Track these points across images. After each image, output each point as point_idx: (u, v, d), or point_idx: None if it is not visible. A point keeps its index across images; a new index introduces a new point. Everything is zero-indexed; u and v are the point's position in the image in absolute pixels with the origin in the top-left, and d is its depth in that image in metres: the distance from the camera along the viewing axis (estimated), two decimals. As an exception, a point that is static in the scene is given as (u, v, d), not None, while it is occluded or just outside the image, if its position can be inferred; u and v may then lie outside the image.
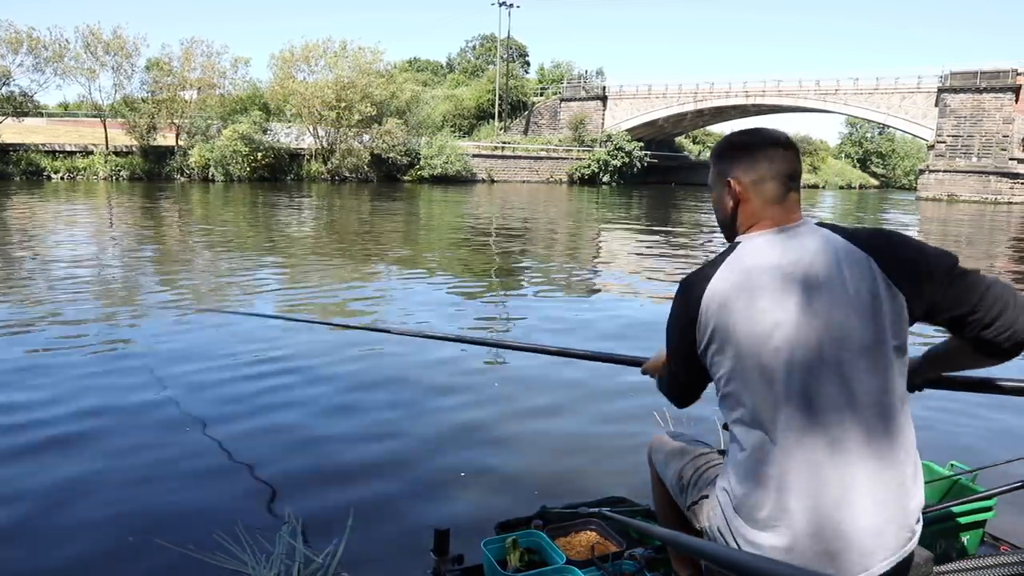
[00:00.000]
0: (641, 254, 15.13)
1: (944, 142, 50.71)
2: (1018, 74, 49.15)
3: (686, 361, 1.54)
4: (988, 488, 2.29)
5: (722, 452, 1.77)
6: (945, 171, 50.63)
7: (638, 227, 21.76)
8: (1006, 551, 1.98)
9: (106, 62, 40.01)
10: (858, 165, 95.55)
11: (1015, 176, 49.61)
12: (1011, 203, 48.33)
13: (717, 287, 1.44)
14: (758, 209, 1.53)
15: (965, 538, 2.44)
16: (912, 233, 23.16)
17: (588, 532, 2.53)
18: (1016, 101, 48.85)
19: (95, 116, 41.45)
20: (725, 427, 1.55)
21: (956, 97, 50.50)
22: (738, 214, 1.57)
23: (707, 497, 1.61)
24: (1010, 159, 49.28)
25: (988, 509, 2.43)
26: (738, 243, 1.52)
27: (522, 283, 10.67)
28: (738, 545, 1.44)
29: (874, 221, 27.25)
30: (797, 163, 1.56)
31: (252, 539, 2.73)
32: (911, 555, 1.42)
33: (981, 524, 2.47)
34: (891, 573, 1.39)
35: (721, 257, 1.51)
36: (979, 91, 49.70)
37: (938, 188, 50.85)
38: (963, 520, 2.40)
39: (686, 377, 1.59)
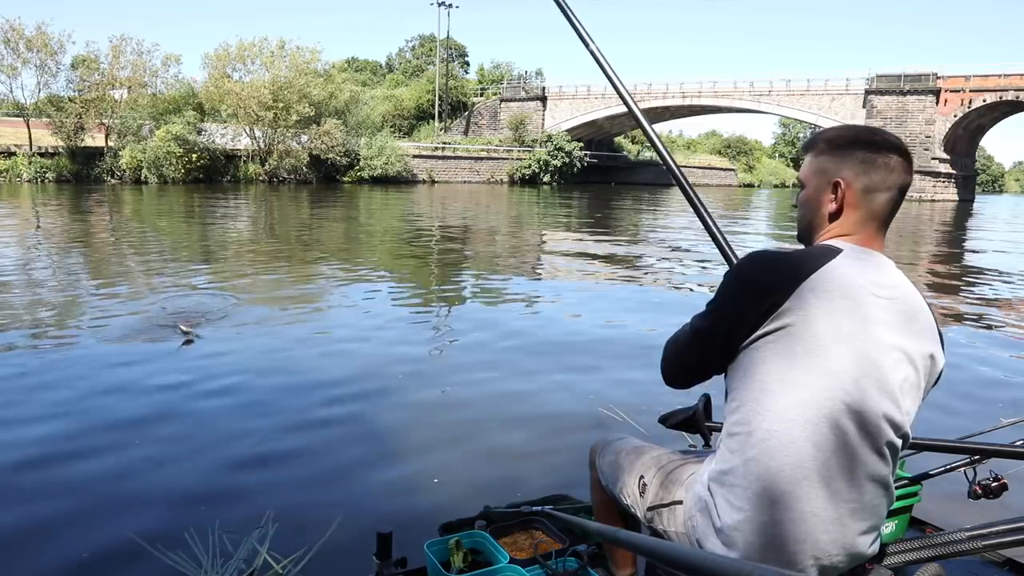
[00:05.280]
0: (585, 256, 15.25)
1: (871, 142, 52.56)
2: (938, 77, 51.34)
3: (729, 336, 1.37)
4: (914, 474, 2.37)
5: (689, 452, 1.74)
6: (873, 170, 52.42)
7: (581, 229, 21.96)
8: (931, 533, 2.06)
9: (29, 59, 38.48)
10: (792, 164, 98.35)
11: (937, 175, 51.80)
12: (934, 200, 50.49)
13: (822, 281, 1.30)
14: (860, 221, 1.40)
15: (893, 523, 2.53)
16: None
17: (531, 531, 2.54)
18: (937, 103, 51.00)
19: (17, 115, 39.73)
20: (714, 429, 1.51)
21: (882, 99, 52.47)
22: (833, 220, 1.42)
23: (681, 502, 1.53)
24: (932, 158, 51.45)
25: (914, 495, 2.52)
26: (838, 248, 1.36)
27: (469, 293, 10.65)
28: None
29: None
30: (911, 176, 1.41)
31: (220, 540, 2.70)
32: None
33: (908, 509, 2.56)
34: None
35: (820, 254, 1.35)
36: (903, 93, 51.74)
37: (866, 186, 52.65)
38: (892, 505, 2.49)
39: (709, 349, 1.42)
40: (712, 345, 1.40)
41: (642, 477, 1.68)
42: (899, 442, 1.39)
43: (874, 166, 1.37)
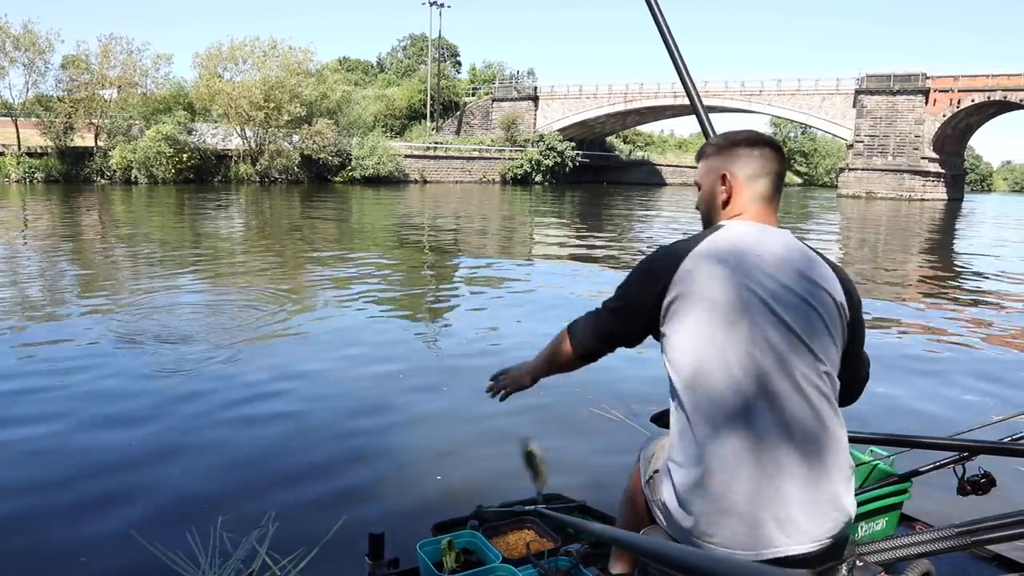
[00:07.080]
0: (579, 257, 15.26)
1: (862, 142, 52.80)
2: (927, 77, 51.55)
3: (633, 314, 1.59)
4: (904, 472, 2.39)
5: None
6: (863, 169, 52.76)
7: (575, 230, 21.96)
8: (921, 530, 2.08)
9: (16, 58, 38.23)
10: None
11: (926, 174, 52.03)
12: (923, 199, 50.71)
13: (701, 253, 1.50)
14: (746, 203, 1.62)
15: (884, 519, 2.54)
16: (834, 229, 24.40)
17: (524, 530, 2.54)
18: (926, 103, 51.21)
19: (5, 115, 39.41)
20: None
21: (872, 99, 52.62)
22: (727, 207, 1.63)
23: (658, 471, 1.63)
24: (922, 158, 51.66)
25: (904, 491, 2.54)
26: (722, 225, 1.58)
27: (464, 295, 10.64)
28: (676, 521, 1.46)
29: (799, 217, 28.18)
30: (785, 164, 1.67)
31: (221, 540, 2.70)
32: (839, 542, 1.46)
33: (898, 506, 2.58)
34: (823, 554, 1.41)
35: (703, 234, 1.57)
36: (893, 93, 51.90)
37: (857, 186, 52.94)
38: (882, 503, 2.51)
39: (619, 326, 1.65)
40: (628, 321, 1.63)
41: (653, 451, 1.77)
42: (825, 385, 1.45)
43: (752, 157, 1.62)
